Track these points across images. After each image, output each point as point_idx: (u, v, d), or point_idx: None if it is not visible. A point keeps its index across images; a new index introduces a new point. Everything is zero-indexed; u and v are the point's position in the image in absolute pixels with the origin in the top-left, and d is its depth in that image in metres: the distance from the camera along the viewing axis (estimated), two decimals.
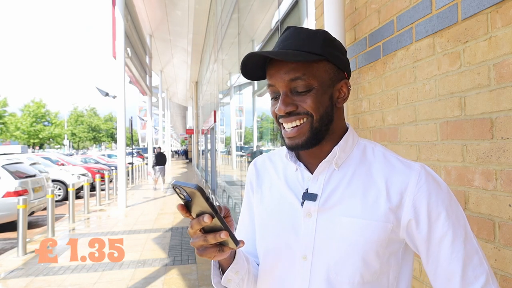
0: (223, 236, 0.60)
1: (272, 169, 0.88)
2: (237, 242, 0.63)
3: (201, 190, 0.57)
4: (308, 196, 0.75)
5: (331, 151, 0.76)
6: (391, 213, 0.71)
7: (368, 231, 0.70)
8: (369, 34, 1.89)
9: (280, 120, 0.75)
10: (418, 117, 1.51)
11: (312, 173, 0.77)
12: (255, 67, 0.76)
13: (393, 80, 1.68)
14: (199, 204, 0.60)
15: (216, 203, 0.62)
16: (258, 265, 0.87)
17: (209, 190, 11.35)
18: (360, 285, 0.71)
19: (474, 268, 0.68)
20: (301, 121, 0.73)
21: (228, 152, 10.19)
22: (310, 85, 0.71)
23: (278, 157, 0.89)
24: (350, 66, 0.82)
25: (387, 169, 0.74)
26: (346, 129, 0.80)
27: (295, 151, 0.80)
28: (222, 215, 0.66)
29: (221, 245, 0.65)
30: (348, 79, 0.79)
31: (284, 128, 0.76)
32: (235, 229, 0.89)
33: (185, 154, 44.27)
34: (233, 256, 0.76)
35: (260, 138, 6.99)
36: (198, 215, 0.62)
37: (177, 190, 0.60)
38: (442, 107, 1.36)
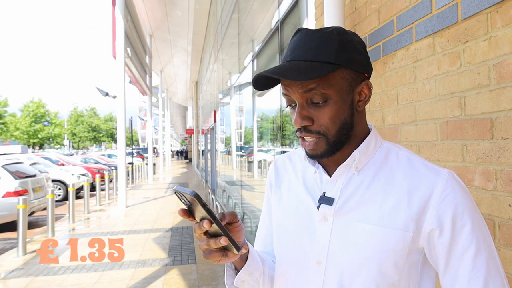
0: (223, 241, 0.61)
1: (291, 169, 0.85)
2: (238, 248, 0.63)
3: (197, 197, 0.58)
4: (325, 200, 0.72)
5: (351, 154, 0.72)
6: (411, 222, 0.66)
7: (385, 239, 0.66)
8: (369, 34, 1.89)
9: (297, 134, 0.72)
10: (418, 117, 1.51)
11: (330, 176, 0.74)
12: (266, 78, 0.72)
13: (393, 80, 1.68)
14: (199, 210, 0.61)
15: (221, 211, 0.63)
16: None
17: (209, 191, 11.35)
18: None
19: None
20: (316, 139, 0.69)
21: (228, 152, 10.20)
22: (326, 95, 0.67)
23: (298, 157, 0.86)
24: None
25: (411, 174, 0.69)
26: (369, 131, 0.75)
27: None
28: (227, 220, 0.66)
29: (225, 250, 0.65)
30: (369, 76, 0.73)
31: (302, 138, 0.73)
32: (244, 233, 0.89)
33: (184, 154, 43.98)
34: (245, 257, 0.75)
35: (260, 138, 6.98)
36: (201, 220, 0.62)
37: (178, 195, 0.61)
38: (442, 107, 1.36)
